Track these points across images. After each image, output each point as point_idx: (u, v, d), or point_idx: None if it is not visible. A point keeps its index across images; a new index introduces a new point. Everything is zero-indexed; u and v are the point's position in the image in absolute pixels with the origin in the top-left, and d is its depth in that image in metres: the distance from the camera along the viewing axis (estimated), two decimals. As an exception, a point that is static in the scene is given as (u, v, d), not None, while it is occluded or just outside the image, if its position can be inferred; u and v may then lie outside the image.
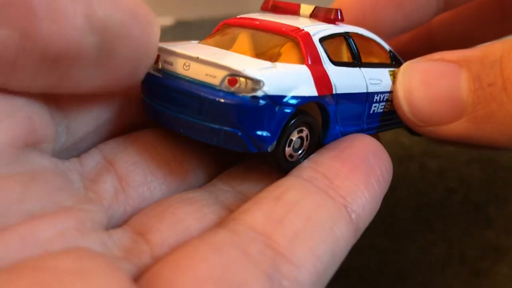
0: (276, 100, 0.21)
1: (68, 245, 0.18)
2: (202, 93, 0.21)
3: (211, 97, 0.21)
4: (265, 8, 0.28)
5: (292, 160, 0.23)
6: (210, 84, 0.21)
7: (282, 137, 0.22)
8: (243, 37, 0.25)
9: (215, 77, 0.21)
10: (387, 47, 0.28)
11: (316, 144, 0.24)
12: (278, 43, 0.23)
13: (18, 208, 0.18)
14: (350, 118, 0.25)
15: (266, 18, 0.25)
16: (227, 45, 0.24)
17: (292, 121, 0.22)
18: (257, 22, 0.25)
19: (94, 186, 0.22)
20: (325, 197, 0.20)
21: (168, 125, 0.23)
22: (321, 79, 0.23)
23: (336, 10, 0.25)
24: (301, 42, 0.23)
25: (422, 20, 0.31)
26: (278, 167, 0.22)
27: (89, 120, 0.23)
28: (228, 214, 0.21)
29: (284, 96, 0.21)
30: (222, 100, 0.20)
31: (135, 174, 0.23)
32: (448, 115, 0.24)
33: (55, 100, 0.22)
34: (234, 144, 0.21)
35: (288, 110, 0.21)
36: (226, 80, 0.21)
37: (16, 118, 0.20)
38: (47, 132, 0.21)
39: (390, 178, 0.23)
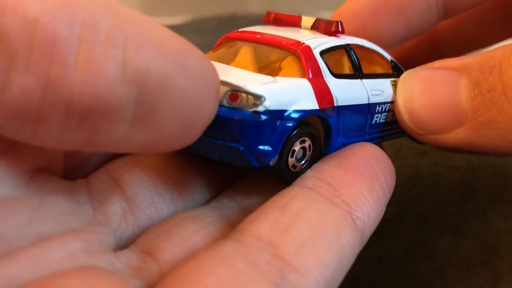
0: (277, 114, 0.21)
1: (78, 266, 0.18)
2: None
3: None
4: (266, 21, 0.28)
5: (295, 170, 0.23)
6: None
7: (284, 150, 0.22)
8: (245, 51, 0.25)
9: None
10: (388, 57, 0.28)
11: (318, 154, 0.24)
12: (279, 56, 0.24)
13: (28, 232, 0.18)
14: (352, 129, 0.25)
15: (268, 31, 0.26)
16: (229, 59, 0.25)
17: (294, 133, 0.22)
18: (258, 36, 0.25)
19: (102, 207, 0.22)
20: (330, 205, 0.21)
21: None
22: (322, 92, 0.23)
23: (337, 22, 0.25)
24: (301, 56, 0.23)
25: (423, 27, 0.31)
26: (281, 178, 0.23)
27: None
28: (232, 228, 0.21)
29: (285, 111, 0.21)
30: (224, 116, 0.21)
31: (142, 195, 0.23)
32: (449, 123, 0.24)
33: None
34: (236, 159, 0.21)
35: (289, 124, 0.21)
36: (228, 96, 0.21)
37: (23, 145, 0.19)
38: (54, 154, 0.21)
39: (394, 184, 0.23)
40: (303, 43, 0.24)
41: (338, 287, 0.20)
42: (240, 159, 0.21)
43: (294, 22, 0.27)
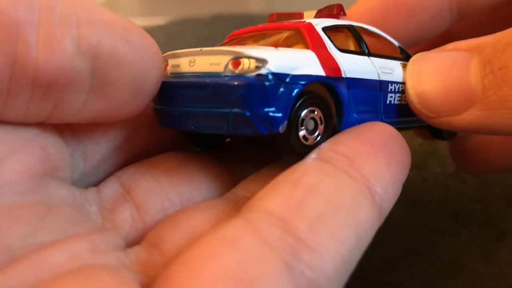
0: (281, 78, 0.20)
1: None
2: (207, 80, 0.21)
3: (216, 81, 0.21)
4: (270, 22, 0.28)
5: (307, 143, 0.22)
6: (214, 72, 0.21)
7: (293, 118, 0.21)
8: (250, 41, 0.25)
9: (219, 64, 0.21)
10: (395, 42, 0.28)
11: (332, 130, 0.23)
12: (281, 36, 0.24)
13: (32, 242, 0.18)
14: (366, 105, 0.24)
15: (271, 24, 0.26)
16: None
17: (302, 100, 0.21)
18: (262, 27, 0.25)
19: (111, 216, 0.21)
20: (346, 178, 0.19)
21: (179, 126, 0.23)
22: (328, 61, 0.22)
23: (338, 5, 0.26)
24: (304, 31, 0.23)
25: (436, 30, 0.31)
26: (293, 151, 0.22)
27: (106, 143, 0.23)
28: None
29: (289, 75, 0.21)
30: (227, 83, 0.20)
31: (152, 201, 0.22)
32: (459, 104, 0.23)
33: (69, 128, 0.22)
34: (244, 127, 0.20)
35: (295, 88, 0.21)
36: (230, 64, 0.21)
37: (29, 148, 0.20)
38: (62, 159, 0.21)
39: (409, 165, 0.22)
40: (305, 21, 0.24)
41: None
42: (248, 127, 0.20)
43: (297, 19, 0.27)
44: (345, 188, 0.19)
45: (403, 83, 0.26)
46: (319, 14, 0.26)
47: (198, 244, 0.17)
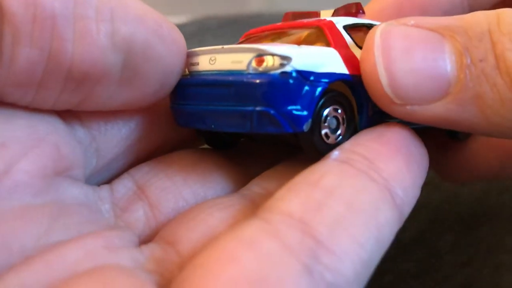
0: (306, 75, 0.20)
1: (97, 264, 0.17)
2: (230, 78, 0.21)
3: (240, 79, 0.20)
4: (286, 21, 0.28)
5: (328, 142, 0.22)
6: (237, 70, 0.21)
7: (317, 117, 0.21)
8: (268, 39, 0.25)
9: (242, 62, 0.21)
10: None
11: (353, 130, 0.23)
12: (302, 34, 0.24)
13: (46, 241, 0.18)
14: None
15: (288, 22, 0.26)
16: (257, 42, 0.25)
17: (325, 98, 0.21)
18: (280, 25, 0.25)
19: (125, 214, 0.21)
20: (367, 180, 0.19)
21: (198, 124, 0.23)
22: (350, 60, 0.22)
23: (357, 3, 0.25)
24: (325, 29, 0.23)
25: None
26: (315, 149, 0.21)
27: (118, 141, 0.23)
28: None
29: (314, 72, 0.20)
30: (251, 81, 0.20)
31: (166, 201, 0.22)
32: (431, 93, 0.21)
33: (81, 124, 0.22)
34: (268, 125, 0.20)
35: (320, 86, 0.20)
36: (253, 61, 0.20)
37: (41, 147, 0.20)
38: (75, 158, 0.21)
39: (427, 167, 0.22)
40: (325, 19, 0.24)
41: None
42: (272, 125, 0.20)
43: (313, 17, 0.27)
44: (365, 190, 0.19)
45: None
46: (337, 13, 0.26)
47: (215, 246, 0.17)
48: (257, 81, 0.20)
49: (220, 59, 0.22)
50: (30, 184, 0.19)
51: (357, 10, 0.25)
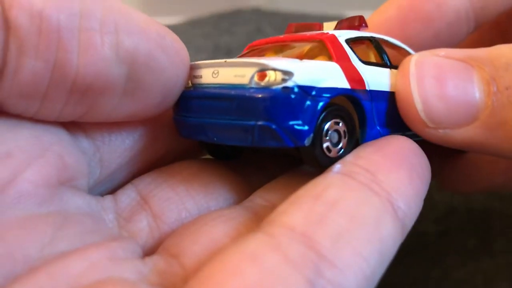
0: (307, 90, 0.20)
1: (101, 277, 0.17)
2: (232, 92, 0.21)
3: (242, 93, 0.21)
4: (289, 33, 0.28)
5: (330, 155, 0.22)
6: (240, 84, 0.21)
7: (318, 131, 0.21)
8: (271, 52, 0.25)
9: (244, 76, 0.21)
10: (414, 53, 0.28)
11: (355, 143, 0.23)
12: (304, 47, 0.24)
13: (50, 251, 0.18)
14: (388, 118, 0.24)
15: (292, 35, 0.26)
16: (259, 55, 0.25)
17: (327, 112, 0.21)
18: (283, 38, 0.25)
19: (128, 225, 0.22)
20: (369, 193, 0.19)
21: (200, 136, 0.23)
22: (352, 74, 0.22)
23: (360, 16, 0.26)
24: (327, 43, 0.23)
25: (453, 39, 0.30)
26: (316, 163, 0.21)
27: (122, 152, 0.23)
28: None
29: (315, 87, 0.21)
30: (253, 95, 0.20)
31: (169, 211, 0.22)
32: (461, 118, 0.22)
33: (86, 135, 0.22)
34: (269, 140, 0.20)
35: (321, 101, 0.21)
36: (256, 76, 0.21)
37: (46, 157, 0.20)
38: (79, 168, 0.21)
39: (430, 179, 0.22)
40: (328, 32, 0.24)
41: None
42: (273, 140, 0.20)
43: (316, 29, 0.27)
44: (368, 204, 0.19)
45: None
46: (340, 26, 0.26)
47: (219, 259, 0.17)
48: (259, 95, 0.20)
49: (223, 73, 0.22)
50: (35, 193, 0.19)
51: (359, 23, 0.25)
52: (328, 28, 0.26)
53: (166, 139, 0.25)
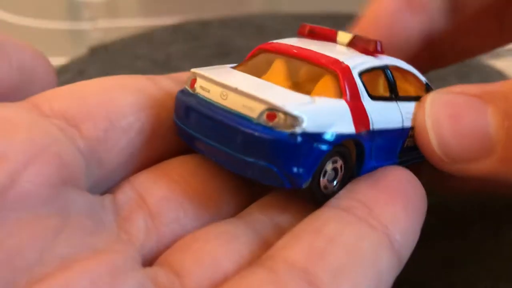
0: (314, 137, 0.20)
1: None
2: (238, 125, 0.21)
3: (247, 130, 0.20)
4: (301, 33, 0.27)
5: (326, 191, 0.22)
6: (247, 116, 0.21)
7: (317, 172, 0.21)
8: (279, 64, 0.24)
9: (253, 110, 0.21)
10: (423, 79, 0.28)
11: (349, 175, 0.23)
12: (316, 74, 0.23)
13: (50, 256, 0.18)
14: (385, 153, 0.24)
15: (303, 45, 0.25)
16: (262, 71, 0.24)
17: (328, 155, 0.21)
18: (295, 50, 0.24)
19: (126, 224, 0.22)
20: (366, 227, 0.20)
21: (200, 151, 0.23)
22: (360, 115, 0.22)
23: (376, 41, 0.25)
24: (340, 76, 0.23)
25: (441, 27, 0.31)
26: (312, 200, 0.22)
27: (119, 151, 0.23)
28: (266, 250, 0.20)
29: (322, 133, 0.21)
30: (259, 135, 0.20)
31: (167, 210, 0.22)
32: (476, 152, 0.23)
33: (80, 135, 0.22)
34: (268, 179, 0.21)
35: (325, 148, 0.21)
36: (265, 115, 0.20)
37: (44, 157, 0.20)
38: (78, 166, 0.21)
39: (426, 209, 0.23)
40: (342, 62, 0.23)
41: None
42: (272, 180, 0.21)
43: (330, 37, 0.26)
44: (365, 238, 0.20)
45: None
46: (354, 44, 0.25)
47: None
48: (265, 137, 0.20)
49: (232, 98, 0.22)
50: (37, 193, 0.19)
51: (374, 49, 0.25)
52: (343, 39, 0.26)
53: (165, 136, 0.25)
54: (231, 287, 0.18)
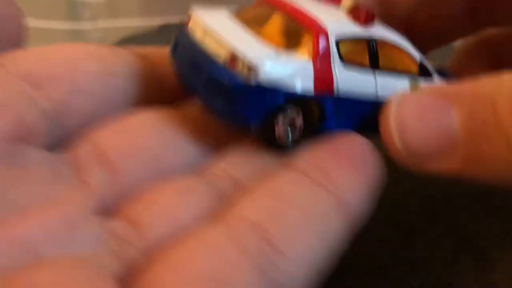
0: (267, 88, 0.21)
1: (60, 244, 0.18)
2: (204, 65, 0.23)
3: (210, 70, 0.22)
4: None
5: (281, 142, 0.23)
6: (215, 59, 0.22)
7: (269, 121, 0.22)
8: (276, 19, 0.25)
9: (221, 54, 0.22)
10: (417, 57, 0.27)
11: (308, 131, 0.24)
12: (298, 32, 0.24)
13: (5, 203, 0.18)
14: (351, 119, 0.25)
15: (302, 3, 0.25)
16: (260, 23, 0.25)
17: (283, 106, 0.22)
18: (288, 7, 0.25)
19: (86, 176, 0.22)
20: (320, 189, 0.21)
21: (182, 83, 0.25)
22: (323, 78, 0.23)
23: (366, 12, 0.25)
24: (314, 37, 0.23)
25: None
26: (267, 144, 0.23)
27: (83, 115, 0.24)
28: (224, 205, 0.21)
29: (276, 86, 0.22)
30: (219, 77, 0.22)
31: (126, 164, 0.22)
32: (438, 151, 0.23)
33: (45, 96, 0.23)
34: (226, 115, 0.22)
35: (277, 101, 0.22)
36: (228, 59, 0.22)
37: (3, 114, 0.20)
38: (38, 126, 0.22)
39: (379, 177, 0.23)
40: (322, 24, 0.24)
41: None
42: (229, 117, 0.22)
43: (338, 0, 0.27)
44: (318, 199, 0.20)
45: None
46: (350, 11, 0.26)
47: (181, 248, 0.18)
48: (223, 79, 0.22)
49: (209, 40, 0.23)
50: None
51: (365, 19, 0.25)
52: (347, 3, 0.26)
53: (126, 103, 0.25)
54: (188, 240, 0.19)
